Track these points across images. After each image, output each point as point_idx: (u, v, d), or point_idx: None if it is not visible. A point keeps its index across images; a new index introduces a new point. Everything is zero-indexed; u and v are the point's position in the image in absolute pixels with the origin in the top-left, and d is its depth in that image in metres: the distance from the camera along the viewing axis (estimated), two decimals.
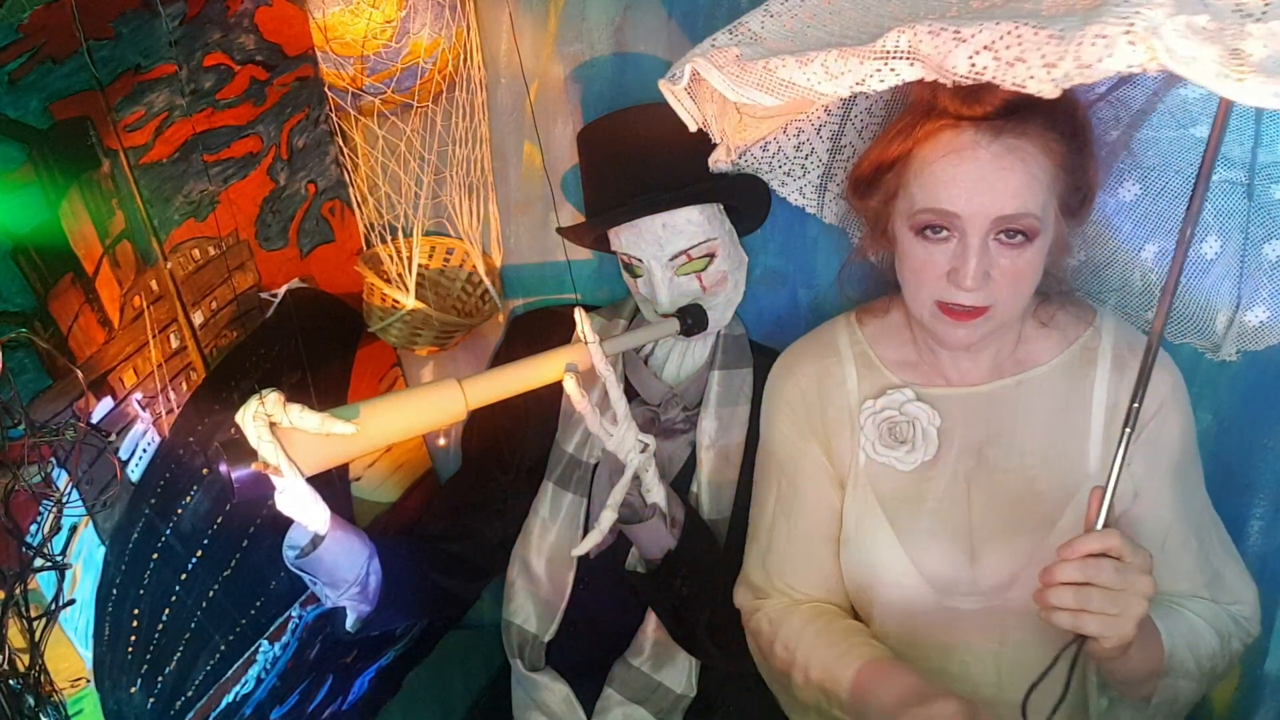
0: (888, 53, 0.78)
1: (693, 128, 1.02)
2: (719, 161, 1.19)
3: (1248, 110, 1.01)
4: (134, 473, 1.11)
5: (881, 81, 0.79)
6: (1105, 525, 0.90)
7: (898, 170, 1.01)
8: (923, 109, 0.99)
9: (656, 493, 1.23)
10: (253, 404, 0.97)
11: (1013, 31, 0.71)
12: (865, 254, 1.16)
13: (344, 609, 1.21)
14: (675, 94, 0.99)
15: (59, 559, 1.00)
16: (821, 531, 1.19)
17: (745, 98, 0.88)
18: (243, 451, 0.97)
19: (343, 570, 1.14)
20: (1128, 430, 0.90)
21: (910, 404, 1.13)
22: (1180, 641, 1.03)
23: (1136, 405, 0.90)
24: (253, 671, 1.31)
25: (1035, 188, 0.95)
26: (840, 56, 0.80)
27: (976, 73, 0.73)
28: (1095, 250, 1.20)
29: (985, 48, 0.72)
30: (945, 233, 0.98)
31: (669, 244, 1.28)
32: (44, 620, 0.97)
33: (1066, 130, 0.97)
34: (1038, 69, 0.70)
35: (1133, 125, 1.10)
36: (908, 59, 0.77)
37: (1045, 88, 0.70)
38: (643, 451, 1.19)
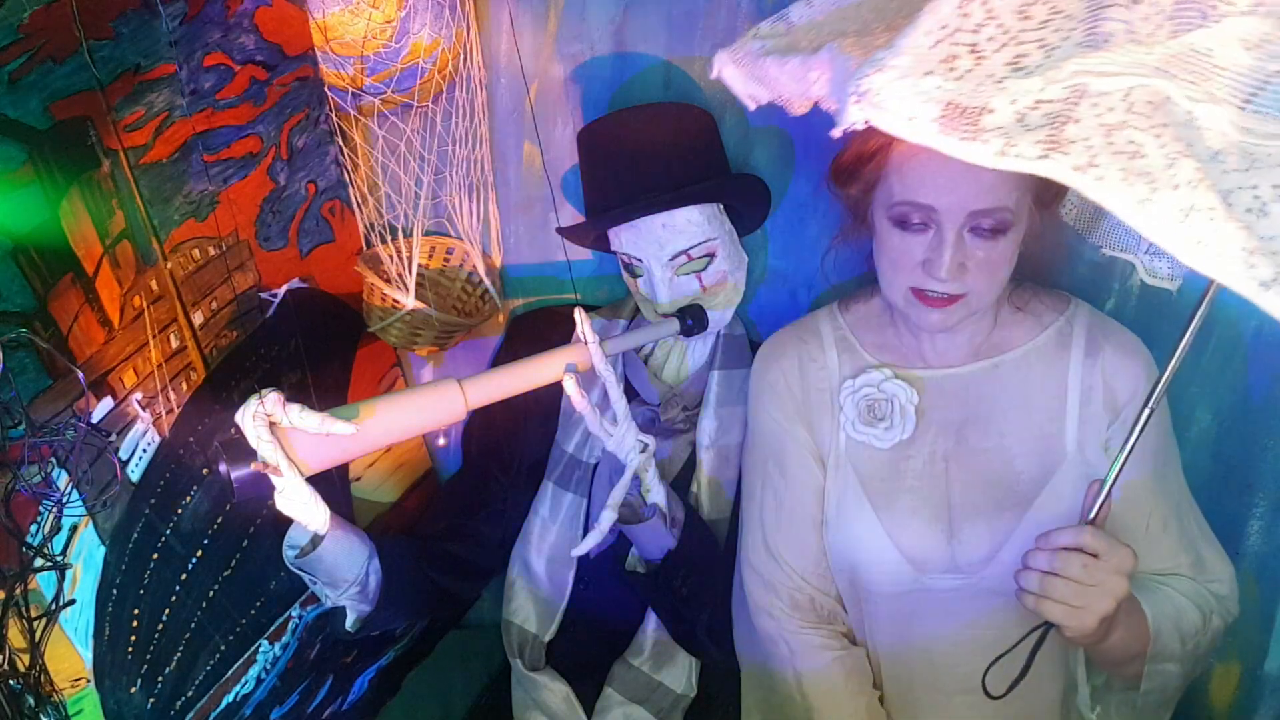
0: (822, 66, 0.83)
1: (752, 107, 0.98)
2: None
3: None
4: (134, 473, 1.11)
5: (820, 90, 0.84)
6: (1095, 520, 0.92)
7: (878, 162, 1.04)
8: None
9: (656, 493, 1.23)
10: (252, 404, 0.97)
11: (840, 71, 0.77)
12: (846, 239, 1.20)
13: (344, 609, 1.21)
14: (728, 78, 0.96)
15: (59, 559, 1.00)
16: (810, 513, 1.21)
17: (751, 91, 0.93)
18: (242, 451, 0.97)
19: (342, 570, 1.14)
20: (1137, 430, 0.91)
21: (888, 382, 1.17)
22: (1166, 621, 1.04)
23: (1148, 412, 0.91)
24: (253, 671, 1.31)
25: (1010, 182, 0.97)
26: (800, 63, 0.86)
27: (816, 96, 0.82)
28: None
29: (835, 81, 0.79)
30: (922, 224, 1.02)
31: (669, 244, 1.28)
32: (44, 620, 0.97)
33: None
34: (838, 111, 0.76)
35: None
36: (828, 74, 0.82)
37: (836, 131, 0.76)
38: (643, 451, 1.19)
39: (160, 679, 1.16)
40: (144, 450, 1.13)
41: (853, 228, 1.17)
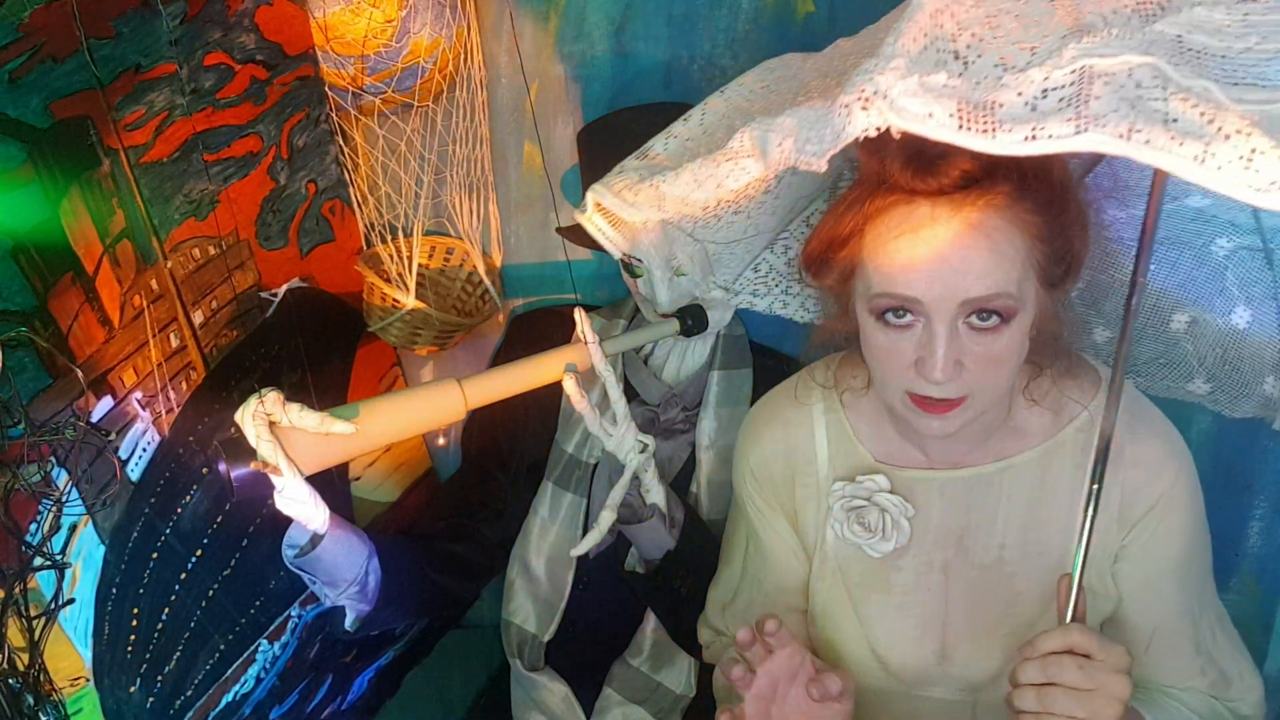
0: (735, 152, 0.82)
1: (616, 255, 1.02)
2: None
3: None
4: (134, 472, 1.11)
5: (735, 180, 0.83)
6: (1075, 617, 0.85)
7: (850, 248, 0.91)
8: (873, 181, 0.87)
9: (656, 493, 1.23)
10: (252, 403, 0.97)
11: (803, 118, 0.76)
12: (829, 334, 1.04)
13: (343, 608, 1.20)
14: (594, 222, 1.00)
15: (58, 558, 1.00)
16: (790, 602, 1.14)
17: (639, 216, 0.96)
18: (242, 450, 0.97)
19: (342, 569, 1.14)
20: (1088, 523, 0.86)
21: (882, 494, 1.04)
22: None
23: (1096, 486, 0.86)
24: (252, 671, 1.31)
25: (1006, 265, 0.84)
26: (703, 164, 0.85)
27: (784, 158, 0.78)
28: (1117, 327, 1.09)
29: (788, 135, 0.77)
30: (909, 316, 0.87)
31: None
32: (43, 619, 0.97)
33: (1041, 197, 0.85)
34: (815, 145, 0.74)
35: (1123, 202, 1.04)
36: (750, 155, 0.81)
37: (818, 163, 0.74)
38: (642, 452, 1.19)
39: (160, 678, 1.16)
40: (144, 449, 1.13)
41: (836, 319, 1.00)
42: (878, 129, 0.69)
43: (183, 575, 1.19)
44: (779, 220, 1.09)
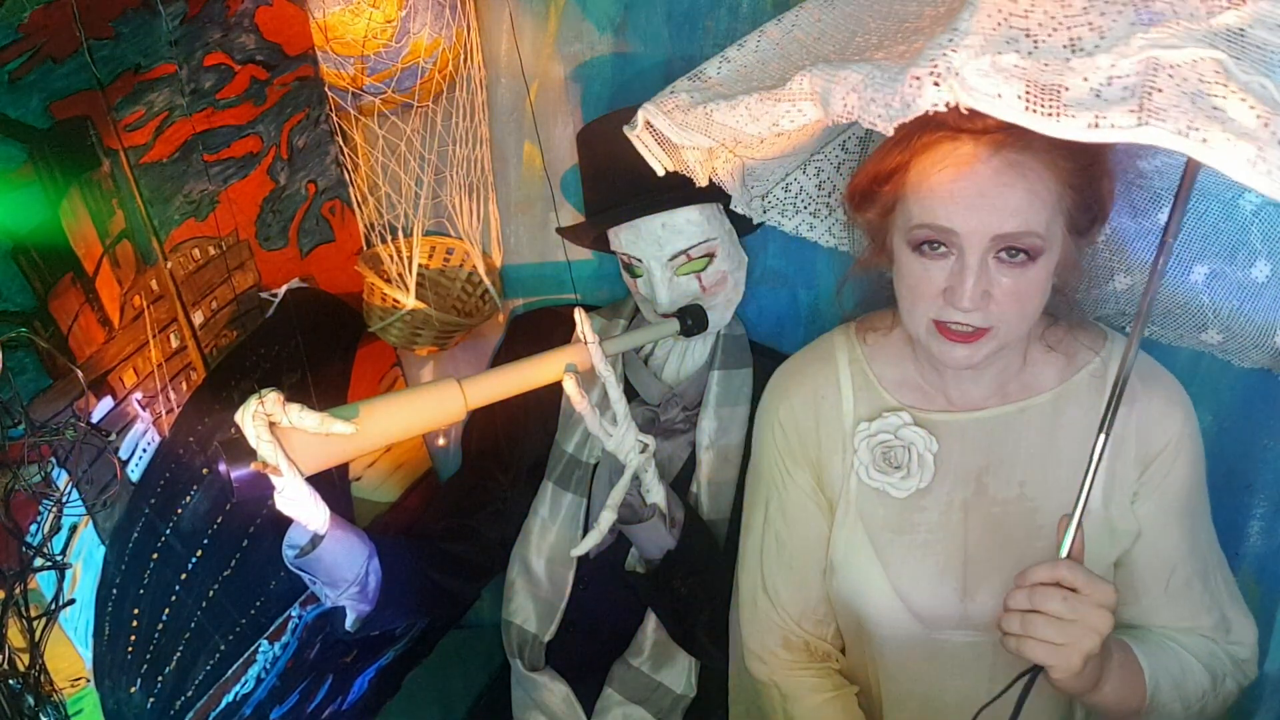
0: (794, 95, 0.83)
1: (660, 171, 1.02)
2: (735, 199, 1.16)
3: None
4: (134, 472, 1.11)
5: (791, 121, 0.85)
6: (1070, 554, 0.89)
7: (895, 182, 0.97)
8: (920, 120, 0.93)
9: (656, 493, 1.23)
10: (252, 403, 0.97)
11: (870, 75, 0.77)
12: (866, 268, 1.11)
13: (344, 609, 1.21)
14: (641, 139, 1.01)
15: (59, 558, 1.00)
16: (813, 559, 1.16)
17: (688, 141, 0.96)
18: (242, 451, 0.97)
19: (342, 570, 1.14)
20: (1095, 458, 0.89)
21: (907, 428, 1.09)
22: (1165, 679, 1.01)
23: (1105, 436, 0.89)
24: (252, 671, 1.31)
25: (1038, 205, 0.90)
26: (760, 100, 0.86)
27: (847, 111, 0.78)
28: (1139, 275, 1.14)
29: (853, 89, 0.78)
30: (943, 249, 0.94)
31: (668, 244, 1.28)
32: (44, 620, 0.97)
33: (1076, 145, 0.91)
34: (882, 108, 0.76)
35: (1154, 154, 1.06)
36: (810, 99, 0.83)
37: (884, 125, 0.76)
38: (642, 452, 1.19)
39: (160, 678, 1.16)
40: (144, 450, 1.13)
41: (872, 256, 1.07)
42: (946, 104, 0.71)
43: (183, 576, 1.19)
44: (816, 142, 1.13)
